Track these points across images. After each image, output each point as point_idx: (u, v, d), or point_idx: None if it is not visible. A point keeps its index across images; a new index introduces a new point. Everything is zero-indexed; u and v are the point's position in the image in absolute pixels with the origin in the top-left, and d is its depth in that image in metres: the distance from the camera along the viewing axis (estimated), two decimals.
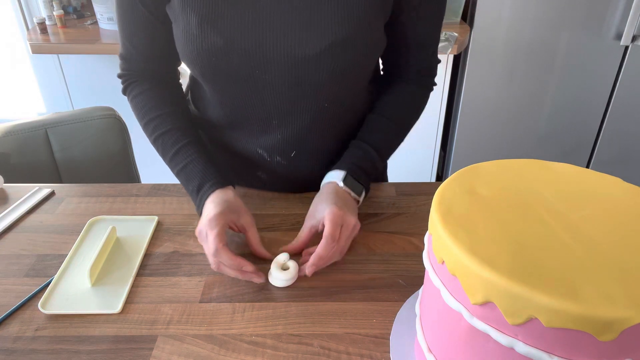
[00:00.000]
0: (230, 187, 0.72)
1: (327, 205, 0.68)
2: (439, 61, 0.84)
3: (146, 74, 0.79)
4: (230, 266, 0.64)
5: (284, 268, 0.66)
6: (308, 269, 0.65)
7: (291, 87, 0.71)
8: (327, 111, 0.76)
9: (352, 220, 0.68)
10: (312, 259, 0.64)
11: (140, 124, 0.79)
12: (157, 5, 0.70)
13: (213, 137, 0.83)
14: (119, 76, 0.81)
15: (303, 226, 0.71)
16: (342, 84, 0.73)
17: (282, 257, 0.67)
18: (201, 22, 0.66)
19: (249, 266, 0.64)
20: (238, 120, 0.78)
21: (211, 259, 0.64)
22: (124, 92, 0.81)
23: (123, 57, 0.79)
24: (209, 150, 0.76)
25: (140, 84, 0.79)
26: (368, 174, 0.76)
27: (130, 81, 0.80)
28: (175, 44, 0.72)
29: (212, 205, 0.68)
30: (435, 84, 0.84)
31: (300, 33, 0.66)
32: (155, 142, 0.77)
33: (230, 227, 0.69)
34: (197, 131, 0.78)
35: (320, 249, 0.65)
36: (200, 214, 0.70)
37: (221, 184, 0.71)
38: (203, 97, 0.81)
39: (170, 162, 0.75)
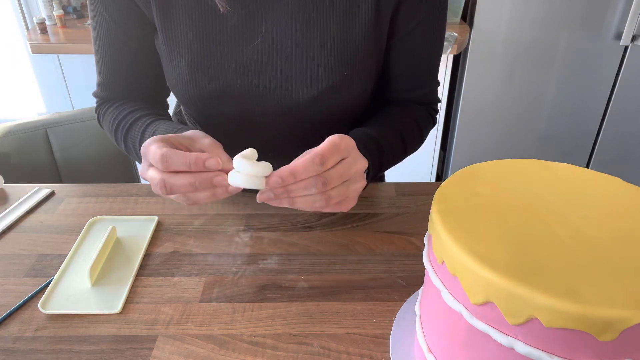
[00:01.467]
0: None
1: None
2: (439, 100, 0.78)
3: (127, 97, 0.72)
4: (185, 165, 0.48)
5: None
6: (271, 179, 0.49)
7: (287, 127, 0.69)
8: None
9: (362, 163, 0.53)
10: (282, 170, 0.48)
11: (113, 140, 0.70)
12: (143, 36, 0.66)
13: None
14: (95, 95, 0.73)
15: (300, 156, 0.54)
16: (339, 120, 0.71)
17: (249, 151, 0.52)
18: (191, 69, 0.63)
19: (211, 159, 0.48)
20: (232, 152, 0.77)
21: (157, 179, 0.50)
22: (98, 118, 0.73)
23: (102, 85, 0.71)
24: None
25: (112, 101, 0.71)
26: (371, 152, 0.62)
27: (103, 102, 0.73)
28: (168, 84, 0.69)
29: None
30: (435, 121, 0.78)
31: (295, 77, 0.64)
32: (127, 148, 0.67)
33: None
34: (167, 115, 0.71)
35: (297, 162, 0.48)
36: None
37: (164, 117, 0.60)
38: (196, 124, 0.78)
39: (142, 140, 0.63)
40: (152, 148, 0.50)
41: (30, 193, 0.84)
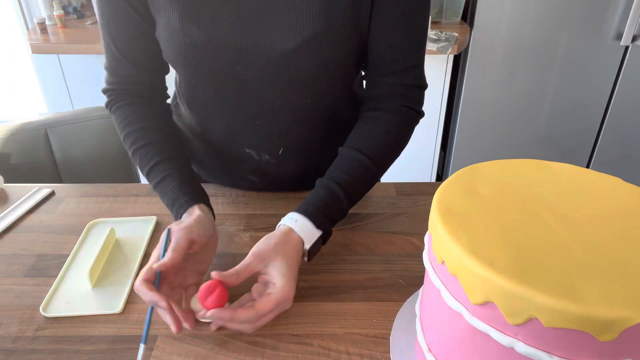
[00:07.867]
0: (202, 204, 0.67)
1: (282, 273, 0.59)
2: (425, 86, 0.76)
3: (133, 89, 0.77)
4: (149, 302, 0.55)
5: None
6: (215, 320, 0.57)
7: (272, 83, 0.71)
8: (311, 109, 0.75)
9: (290, 304, 0.59)
10: (228, 314, 0.55)
11: (120, 136, 0.77)
12: (143, 4, 0.69)
13: (203, 140, 0.83)
14: (104, 91, 0.78)
15: (247, 262, 0.60)
16: (323, 79, 0.72)
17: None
18: (182, 17, 0.66)
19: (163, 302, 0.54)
20: (223, 122, 0.78)
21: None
22: (107, 105, 0.78)
23: (109, 68, 0.76)
24: (186, 167, 0.73)
25: (124, 99, 0.76)
26: (330, 217, 0.67)
27: (114, 96, 0.77)
28: (160, 42, 0.72)
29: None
30: (421, 114, 0.77)
31: (280, 26, 0.67)
32: (133, 155, 0.75)
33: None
34: (177, 145, 0.76)
35: (241, 313, 0.55)
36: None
37: (193, 201, 0.67)
38: (189, 100, 0.80)
39: (147, 176, 0.73)
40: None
41: (30, 193, 0.84)
